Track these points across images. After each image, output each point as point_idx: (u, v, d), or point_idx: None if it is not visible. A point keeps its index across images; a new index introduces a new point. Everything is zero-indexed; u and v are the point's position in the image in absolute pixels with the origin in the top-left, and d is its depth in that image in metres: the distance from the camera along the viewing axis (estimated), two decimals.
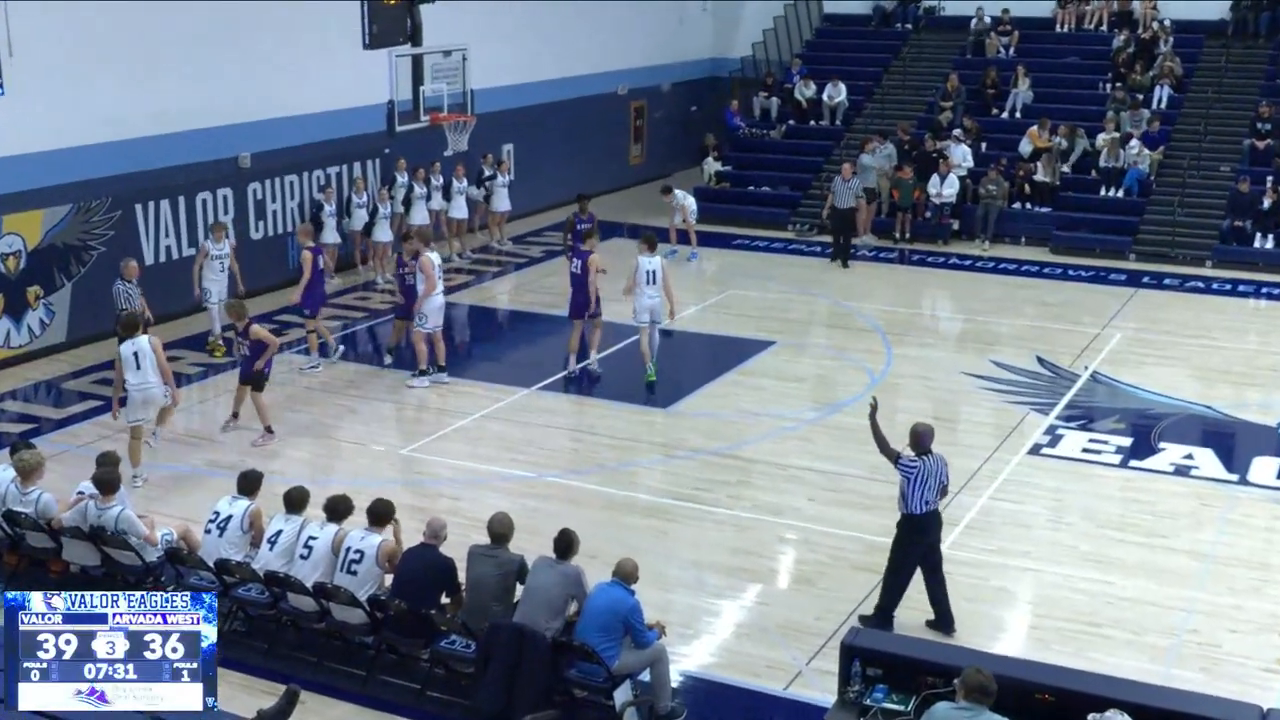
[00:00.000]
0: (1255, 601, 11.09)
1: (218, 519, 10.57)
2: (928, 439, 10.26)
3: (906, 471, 10.16)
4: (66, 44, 17.29)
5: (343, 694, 9.68)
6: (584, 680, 9.10)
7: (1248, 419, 15.42)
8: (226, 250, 17.64)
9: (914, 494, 10.15)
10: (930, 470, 10.14)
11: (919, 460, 10.16)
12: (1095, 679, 8.33)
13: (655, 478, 13.76)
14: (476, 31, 21.22)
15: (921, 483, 10.11)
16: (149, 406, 13.35)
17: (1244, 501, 13.16)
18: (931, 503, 10.20)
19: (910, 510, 10.19)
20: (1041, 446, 14.51)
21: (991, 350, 17.97)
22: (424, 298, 15.88)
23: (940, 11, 30.28)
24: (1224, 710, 7.79)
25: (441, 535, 9.84)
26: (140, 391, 13.20)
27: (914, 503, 10.16)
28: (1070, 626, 10.65)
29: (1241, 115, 25.35)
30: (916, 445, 10.24)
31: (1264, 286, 21.53)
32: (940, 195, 24.32)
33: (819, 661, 10.01)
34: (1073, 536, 12.36)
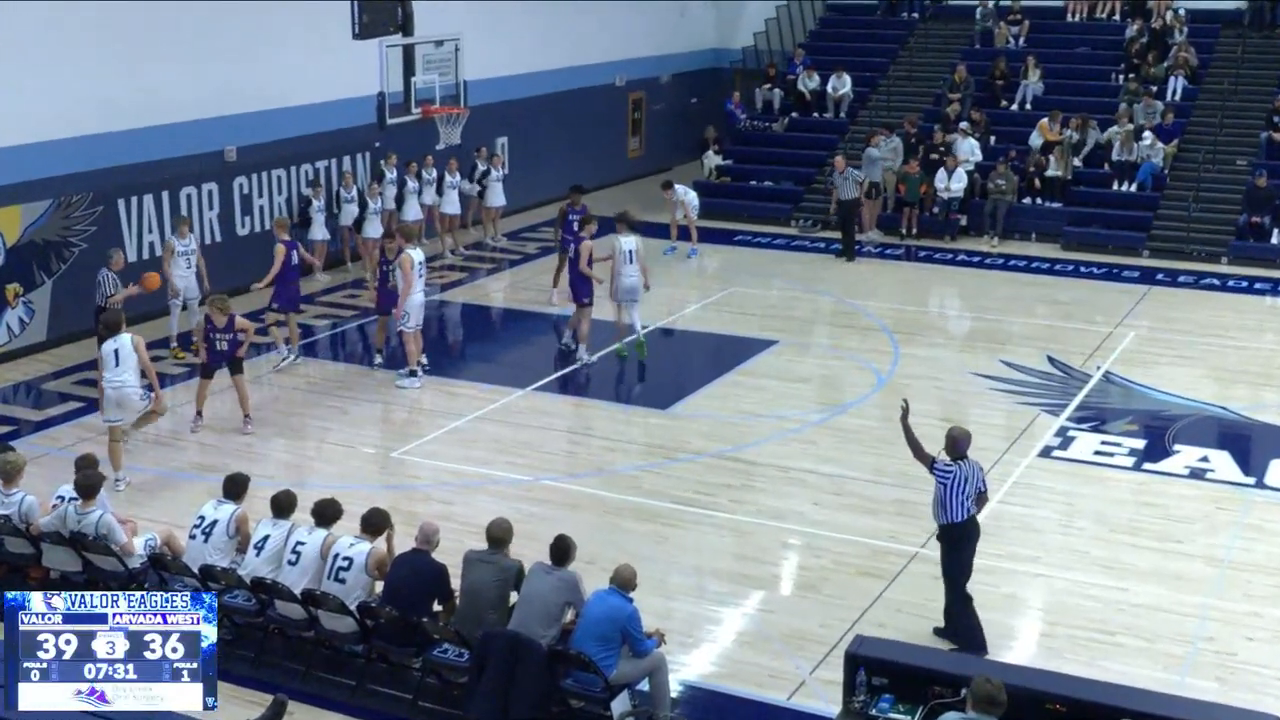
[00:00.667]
0: (1272, 609, 11.09)
1: (203, 524, 10.55)
2: (964, 444, 10.18)
3: (942, 477, 10.05)
4: (46, 34, 17.28)
5: (332, 704, 9.67)
6: (581, 690, 9.08)
7: (1265, 420, 15.43)
8: (193, 246, 17.56)
9: (952, 501, 10.02)
10: (966, 475, 10.06)
11: (954, 465, 10.08)
12: (1108, 688, 8.35)
13: (655, 481, 13.75)
14: (470, 21, 21.21)
15: (959, 489, 10.01)
16: (124, 408, 13.33)
17: (1261, 505, 13.16)
18: (971, 509, 10.11)
19: (951, 519, 10.06)
20: (1052, 449, 14.52)
21: (1001, 350, 17.98)
22: (403, 297, 15.93)
23: (948, 0, 30.29)
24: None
25: (434, 540, 9.83)
26: (115, 390, 13.20)
27: (954, 510, 10.02)
28: (1082, 634, 10.65)
29: (1258, 108, 25.37)
30: (952, 450, 10.17)
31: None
32: (948, 190, 24.33)
33: (823, 671, 10.00)
34: (1084, 541, 12.37)
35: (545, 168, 26.60)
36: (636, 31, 29.84)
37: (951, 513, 10.07)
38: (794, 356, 17.87)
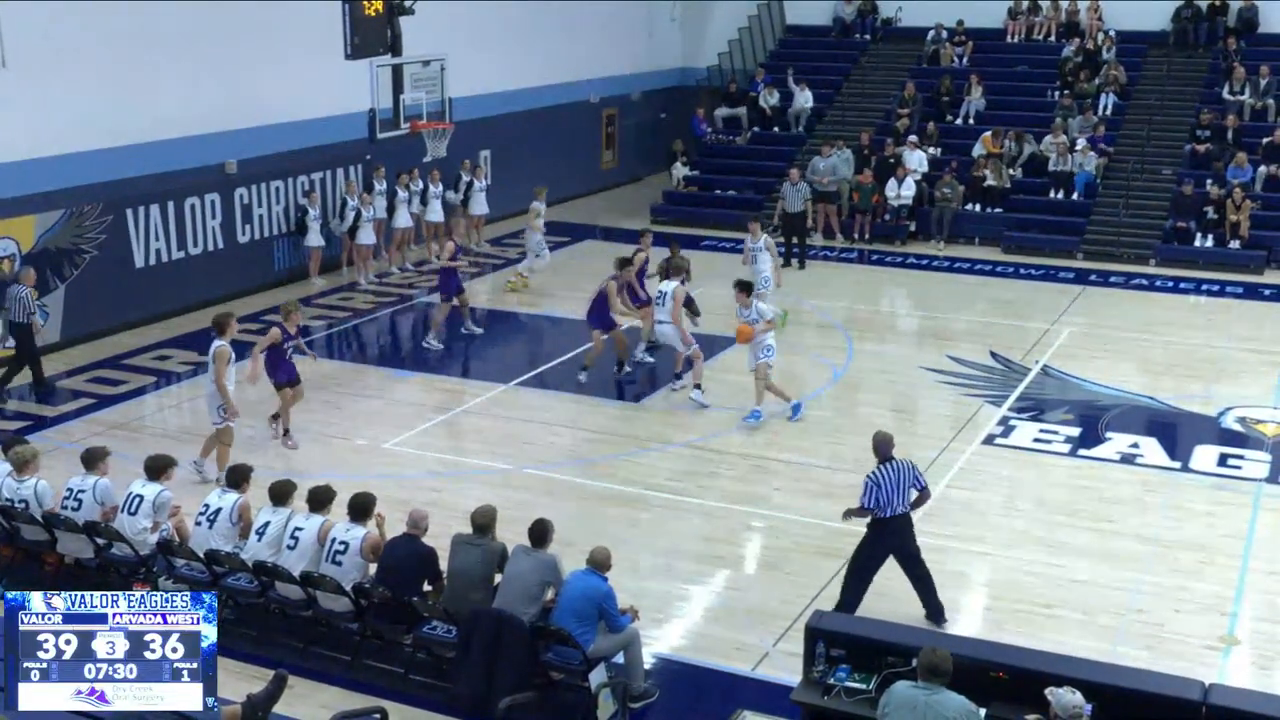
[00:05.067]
0: (1198, 582, 11.17)
1: (207, 511, 10.51)
2: (886, 447, 10.18)
3: (869, 481, 10.00)
4: (60, 57, 17.15)
5: (329, 678, 9.65)
6: (561, 663, 9.07)
7: (1190, 410, 15.53)
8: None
9: (884, 497, 9.95)
10: (895, 477, 10.00)
11: (881, 469, 10.03)
12: (1047, 657, 8.39)
13: (628, 469, 13.74)
14: (454, 42, 21.13)
15: (891, 487, 9.95)
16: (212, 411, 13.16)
17: (1186, 488, 13.25)
18: (900, 506, 10.05)
19: (883, 513, 10.01)
20: (995, 436, 14.57)
21: (948, 345, 18.03)
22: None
23: (898, 23, 30.37)
24: (1168, 685, 7.85)
25: (423, 526, 9.81)
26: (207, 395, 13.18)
27: (886, 505, 9.99)
28: (1023, 608, 10.71)
29: (1182, 121, 25.53)
30: (877, 454, 10.17)
31: (1204, 284, 21.67)
32: (898, 198, 24.41)
33: (785, 643, 10.02)
34: (1025, 522, 12.43)
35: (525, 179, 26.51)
36: (609, 52, 29.80)
37: (884, 508, 10.01)
38: None
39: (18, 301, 15.64)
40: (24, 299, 15.62)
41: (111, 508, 10.74)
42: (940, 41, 28.95)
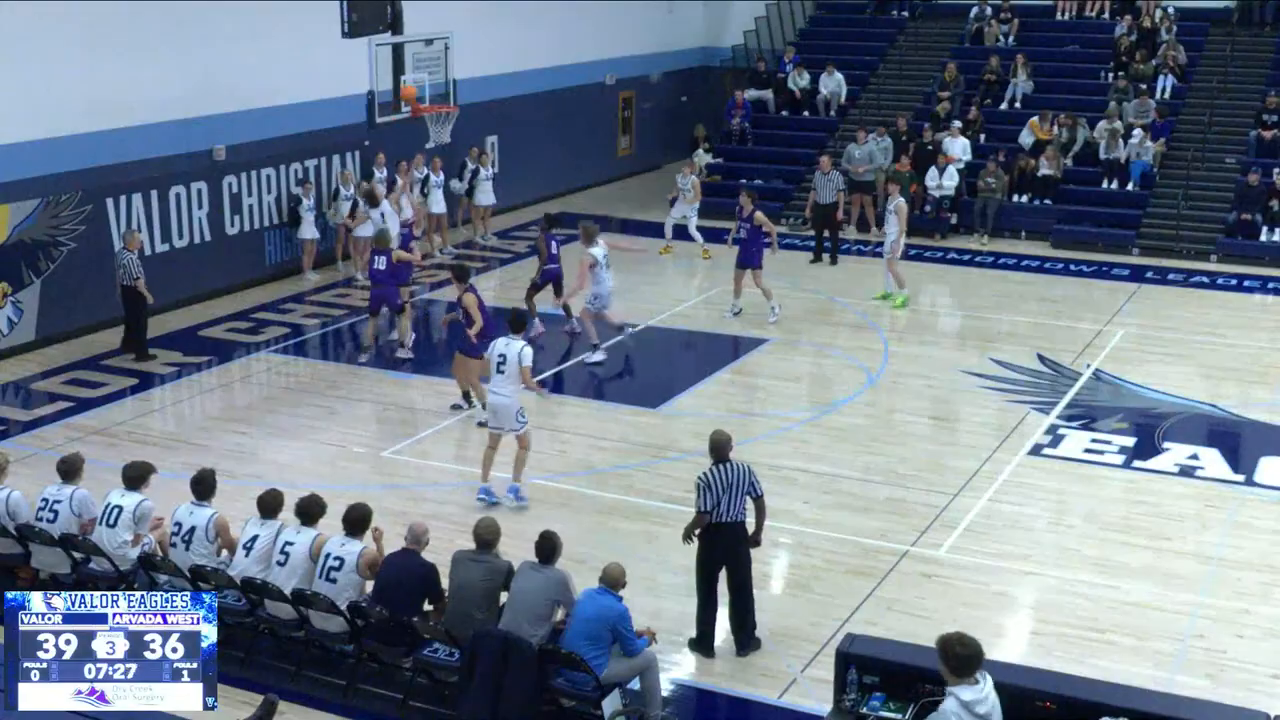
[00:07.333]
0: (1262, 605, 11.12)
1: (180, 530, 10.47)
2: (724, 448, 10.27)
3: (701, 482, 10.10)
4: (33, 33, 17.22)
5: (322, 704, 9.66)
6: (572, 689, 9.08)
7: (1254, 418, 15.46)
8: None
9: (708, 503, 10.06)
10: (730, 479, 10.08)
11: (714, 469, 10.12)
12: (1099, 686, 8.34)
13: (645, 480, 13.74)
14: (459, 19, 21.16)
15: (723, 490, 10.05)
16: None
17: (1251, 503, 13.19)
18: (731, 513, 10.12)
19: (715, 519, 10.11)
20: (1042, 447, 14.53)
21: (991, 348, 18.00)
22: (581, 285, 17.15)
23: None
24: (1230, 717, 7.81)
25: (424, 540, 9.82)
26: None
27: (715, 512, 10.09)
28: (1072, 632, 10.67)
29: (1247, 105, 25.44)
30: (714, 455, 10.25)
31: (1270, 281, 21.58)
32: (939, 188, 24.37)
33: (814, 669, 10.02)
34: (1075, 539, 12.39)
35: (535, 167, 26.60)
36: (626, 30, 29.82)
37: (717, 514, 10.08)
38: (785, 355, 17.86)
39: (123, 267, 17.10)
40: (128, 263, 17.04)
41: (90, 520, 10.78)
42: (984, 19, 28.88)
